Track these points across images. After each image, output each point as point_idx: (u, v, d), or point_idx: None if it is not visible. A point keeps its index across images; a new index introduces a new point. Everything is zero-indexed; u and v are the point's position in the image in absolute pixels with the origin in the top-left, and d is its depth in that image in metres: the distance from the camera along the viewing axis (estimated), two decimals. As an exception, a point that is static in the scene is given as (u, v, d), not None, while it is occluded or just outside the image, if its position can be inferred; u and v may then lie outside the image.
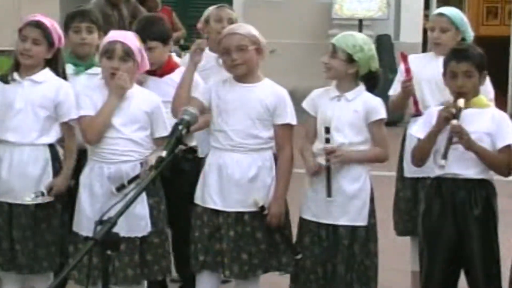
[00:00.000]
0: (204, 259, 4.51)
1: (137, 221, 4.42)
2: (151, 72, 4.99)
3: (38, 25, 4.62)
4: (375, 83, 4.57)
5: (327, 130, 4.46)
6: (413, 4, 12.15)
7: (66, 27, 5.05)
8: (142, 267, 4.49)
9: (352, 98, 4.52)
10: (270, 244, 4.52)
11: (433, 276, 4.40)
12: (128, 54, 4.47)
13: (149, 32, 5.01)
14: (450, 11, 5.27)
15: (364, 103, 4.51)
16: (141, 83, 4.80)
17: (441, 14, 5.24)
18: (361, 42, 4.51)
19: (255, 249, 4.49)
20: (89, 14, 5.14)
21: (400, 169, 5.22)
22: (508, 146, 4.33)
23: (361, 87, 4.56)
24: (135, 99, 4.52)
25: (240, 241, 4.48)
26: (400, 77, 5.28)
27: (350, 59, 4.48)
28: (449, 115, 4.30)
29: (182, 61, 5.35)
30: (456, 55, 4.44)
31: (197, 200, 4.57)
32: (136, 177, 4.39)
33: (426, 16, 12.52)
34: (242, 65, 4.47)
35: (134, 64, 4.50)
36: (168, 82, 4.99)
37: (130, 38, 4.55)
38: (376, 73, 4.57)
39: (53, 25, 4.68)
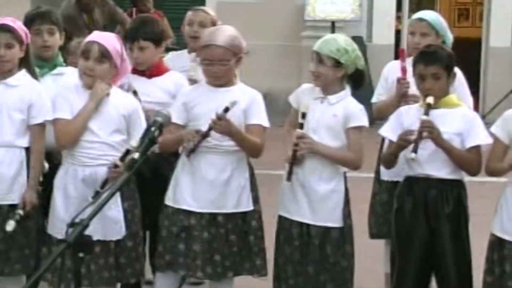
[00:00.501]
0: (170, 259, 4.50)
1: (112, 224, 4.40)
2: (140, 73, 4.99)
3: (7, 28, 4.59)
4: (361, 80, 4.59)
5: (303, 115, 4.46)
6: (386, 6, 12.20)
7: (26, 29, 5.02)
8: (115, 270, 4.47)
9: (335, 102, 4.53)
10: (243, 246, 4.53)
11: (406, 275, 4.42)
12: (104, 55, 4.44)
13: (142, 32, 5.00)
14: (430, 15, 5.29)
15: (345, 108, 4.51)
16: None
17: (421, 19, 5.25)
18: (344, 45, 4.52)
19: (228, 251, 4.49)
20: (49, 15, 5.06)
21: (377, 172, 5.23)
22: (477, 147, 4.35)
23: (346, 91, 4.56)
24: (113, 103, 4.49)
25: (214, 243, 4.47)
26: (384, 83, 5.27)
27: (337, 64, 4.49)
28: (405, 143, 4.32)
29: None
30: (423, 58, 4.47)
31: (168, 201, 4.56)
32: (106, 181, 4.37)
33: (398, 18, 12.58)
34: (222, 77, 4.50)
35: (111, 66, 4.48)
36: (155, 84, 4.99)
37: (109, 40, 4.52)
38: (362, 71, 4.59)
39: (16, 22, 4.66)
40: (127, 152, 4.25)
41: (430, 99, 4.34)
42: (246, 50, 4.63)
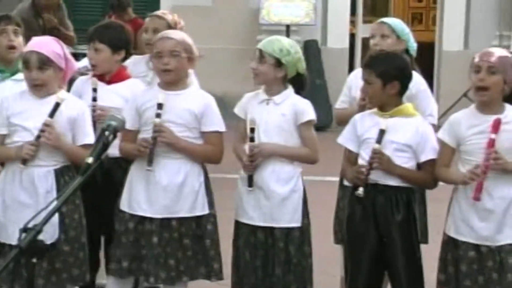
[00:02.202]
0: (124, 264, 4.48)
1: (46, 227, 4.31)
2: (100, 78, 4.97)
3: None
4: (303, 85, 4.61)
5: (252, 130, 4.47)
6: (340, 10, 12.26)
7: None
8: (50, 275, 4.42)
9: (280, 102, 4.55)
10: (199, 251, 4.51)
11: (357, 281, 4.43)
12: (44, 63, 4.40)
13: (99, 34, 4.98)
14: (391, 20, 5.36)
15: (292, 106, 4.54)
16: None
17: (382, 22, 5.29)
18: (288, 46, 4.55)
19: (182, 255, 4.48)
20: (14, 17, 5.10)
21: (341, 177, 5.24)
22: (431, 161, 4.37)
23: (290, 90, 4.59)
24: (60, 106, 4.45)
25: (168, 247, 4.46)
26: (347, 91, 5.28)
27: (278, 63, 4.51)
28: (358, 181, 4.33)
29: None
30: (363, 62, 4.54)
31: (123, 207, 4.54)
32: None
33: (352, 22, 12.65)
34: (172, 72, 4.46)
35: (55, 71, 4.44)
36: (113, 91, 4.96)
37: (47, 45, 4.48)
38: (303, 75, 4.60)
39: None
40: (57, 105, 4.24)
41: (383, 125, 4.34)
42: (202, 54, 4.63)
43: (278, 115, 4.53)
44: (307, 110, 4.57)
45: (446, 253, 4.34)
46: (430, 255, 4.65)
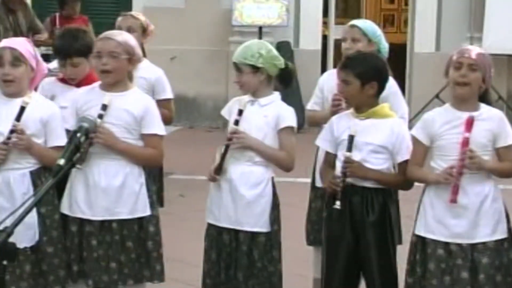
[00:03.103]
0: (78, 268, 4.46)
1: (25, 230, 4.24)
2: (69, 82, 4.95)
3: None
4: (290, 77, 4.62)
5: (240, 112, 4.49)
6: (312, 12, 12.29)
7: None
8: (37, 278, 4.39)
9: (265, 104, 4.57)
10: (141, 253, 4.48)
11: (333, 282, 4.44)
12: (18, 58, 4.38)
13: (75, 48, 4.93)
14: (362, 23, 5.33)
15: (276, 110, 4.56)
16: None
17: (353, 25, 5.29)
18: (257, 49, 4.56)
19: (124, 258, 4.45)
20: None
21: (313, 179, 5.24)
22: (407, 161, 4.37)
23: (276, 95, 4.61)
24: (30, 107, 4.40)
25: (109, 250, 4.44)
26: (319, 93, 5.28)
27: (255, 69, 4.53)
28: (333, 192, 4.34)
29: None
30: (342, 62, 4.53)
31: (64, 209, 4.50)
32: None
33: (325, 24, 12.69)
34: (110, 73, 4.43)
35: (27, 69, 4.41)
36: None
37: (20, 44, 4.47)
38: (287, 68, 4.61)
39: None
40: (22, 108, 4.26)
41: (353, 131, 4.35)
42: (173, 55, 4.62)
43: (260, 116, 4.54)
44: (289, 117, 4.57)
45: (414, 255, 4.34)
46: (405, 256, 4.66)
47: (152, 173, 4.83)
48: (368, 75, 4.39)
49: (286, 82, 4.62)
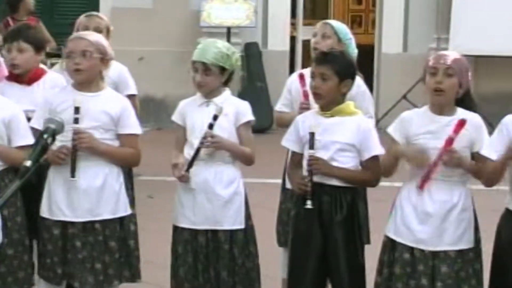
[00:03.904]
0: (63, 271, 4.44)
1: None
2: (18, 80, 4.91)
3: None
4: (230, 78, 4.62)
5: (215, 117, 4.47)
6: (280, 13, 12.30)
7: None
8: None
9: (221, 103, 4.56)
10: (122, 253, 4.48)
11: (302, 281, 4.43)
12: None
13: (24, 34, 4.94)
14: (336, 22, 5.36)
15: (233, 107, 4.57)
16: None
17: (325, 23, 5.31)
18: (225, 50, 4.56)
19: (109, 258, 4.45)
20: None
21: (283, 180, 5.24)
22: (373, 158, 4.39)
23: (228, 91, 4.62)
24: None
25: (93, 251, 4.43)
26: (287, 94, 5.28)
27: (222, 70, 4.52)
28: (302, 192, 4.34)
29: (54, 69, 5.27)
30: (317, 57, 4.53)
31: (44, 213, 4.48)
32: None
33: (293, 25, 12.70)
34: (83, 71, 4.42)
35: None
36: (34, 90, 4.90)
37: None
38: (232, 71, 4.62)
39: None
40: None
41: (314, 128, 4.34)
42: (141, 56, 4.60)
43: (221, 116, 4.52)
44: (247, 111, 4.60)
45: (384, 255, 4.36)
46: (372, 256, 4.68)
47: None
48: (346, 72, 4.41)
49: (227, 82, 4.62)
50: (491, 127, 4.30)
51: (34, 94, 4.88)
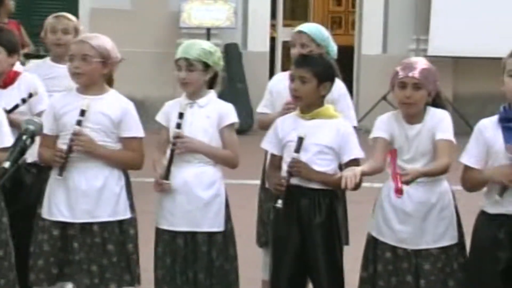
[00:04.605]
0: (58, 272, 4.43)
1: None
2: None
3: None
4: (215, 81, 4.62)
5: (181, 116, 4.47)
6: (260, 14, 12.30)
7: None
8: None
9: (204, 104, 4.56)
10: (122, 257, 4.46)
11: (280, 283, 4.44)
12: None
13: None
14: (309, 28, 5.34)
15: (217, 109, 4.56)
16: None
17: (300, 31, 5.30)
18: (208, 47, 4.58)
19: (106, 261, 4.43)
20: None
21: (263, 180, 5.24)
22: (354, 160, 4.39)
23: (213, 93, 4.60)
24: None
25: (90, 253, 4.42)
26: (269, 96, 5.27)
27: (205, 67, 4.51)
28: (278, 192, 4.34)
29: (25, 69, 5.23)
30: (296, 60, 4.53)
31: (44, 214, 4.48)
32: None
33: (273, 26, 12.71)
34: (83, 75, 4.42)
35: None
36: (11, 94, 4.87)
37: None
38: (217, 73, 4.62)
39: None
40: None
41: (301, 134, 4.36)
42: (122, 57, 4.59)
43: (203, 118, 4.53)
44: (231, 113, 4.58)
45: (368, 252, 4.40)
46: (350, 256, 4.69)
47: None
48: (325, 75, 4.42)
49: (211, 85, 4.62)
50: (469, 126, 4.32)
51: (11, 97, 4.85)
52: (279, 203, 4.32)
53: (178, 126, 4.47)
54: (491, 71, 5.76)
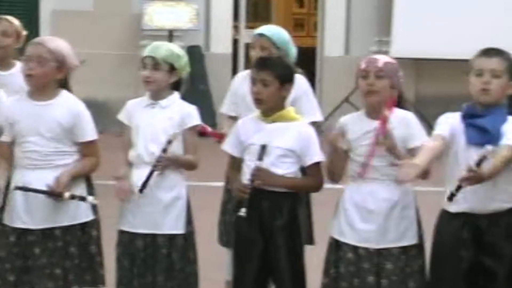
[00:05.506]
0: (15, 279, 4.40)
1: None
2: None
3: None
4: (180, 85, 4.62)
5: (164, 151, 4.44)
6: (223, 16, 12.29)
7: None
8: None
9: (166, 106, 4.55)
10: (84, 258, 4.45)
11: (243, 285, 4.43)
12: None
13: None
14: (269, 30, 5.34)
15: (179, 110, 4.55)
16: None
17: (260, 34, 5.31)
18: (177, 51, 4.59)
19: (69, 263, 4.41)
20: None
21: (226, 181, 5.23)
22: (315, 164, 4.40)
23: (176, 95, 4.60)
24: None
25: (53, 257, 4.39)
26: (232, 96, 5.28)
27: (171, 69, 4.51)
28: (241, 199, 4.34)
29: None
30: (257, 63, 4.53)
31: (6, 220, 4.46)
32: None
33: (235, 28, 12.70)
34: (33, 77, 4.39)
35: None
36: None
37: None
38: (181, 77, 4.62)
39: None
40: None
41: (264, 140, 4.33)
42: (83, 60, 4.57)
43: (164, 119, 4.52)
44: (194, 115, 4.57)
45: (330, 255, 4.41)
46: (316, 257, 4.70)
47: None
48: (286, 77, 4.42)
49: (176, 89, 4.62)
50: (431, 128, 4.35)
51: None
52: (243, 211, 4.31)
53: (164, 151, 4.43)
54: (453, 73, 5.82)
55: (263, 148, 4.33)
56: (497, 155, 4.01)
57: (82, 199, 4.37)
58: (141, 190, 4.46)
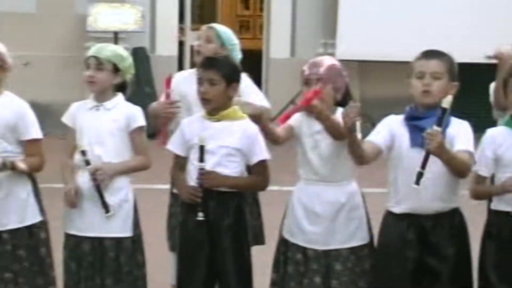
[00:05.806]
0: None
1: None
2: None
3: None
4: (126, 89, 4.61)
5: (83, 153, 4.42)
6: (168, 18, 12.26)
7: None
8: None
9: (111, 107, 4.53)
10: (34, 261, 4.42)
11: (190, 287, 4.42)
12: None
13: None
14: (221, 27, 5.31)
15: (124, 112, 4.53)
16: None
17: (209, 27, 5.27)
18: (122, 52, 4.58)
19: (18, 266, 4.39)
20: None
21: (172, 183, 5.21)
22: (261, 162, 4.40)
23: (120, 96, 4.58)
24: None
25: (1, 261, 4.37)
26: (177, 97, 5.24)
27: (115, 69, 4.50)
28: (192, 202, 4.33)
29: None
30: (204, 62, 4.52)
31: None
32: None
33: (181, 29, 12.67)
34: None
35: None
36: None
37: None
38: (126, 80, 4.60)
39: None
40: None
41: (202, 141, 4.32)
42: (27, 61, 4.53)
43: (109, 121, 4.50)
44: (139, 117, 4.55)
45: (279, 254, 4.43)
46: (265, 256, 4.71)
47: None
48: (233, 76, 4.42)
49: (122, 92, 4.60)
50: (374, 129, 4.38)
51: None
52: (200, 215, 4.30)
53: (87, 163, 4.40)
54: (397, 75, 5.87)
55: (202, 148, 4.31)
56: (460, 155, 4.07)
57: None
58: (107, 212, 4.43)
